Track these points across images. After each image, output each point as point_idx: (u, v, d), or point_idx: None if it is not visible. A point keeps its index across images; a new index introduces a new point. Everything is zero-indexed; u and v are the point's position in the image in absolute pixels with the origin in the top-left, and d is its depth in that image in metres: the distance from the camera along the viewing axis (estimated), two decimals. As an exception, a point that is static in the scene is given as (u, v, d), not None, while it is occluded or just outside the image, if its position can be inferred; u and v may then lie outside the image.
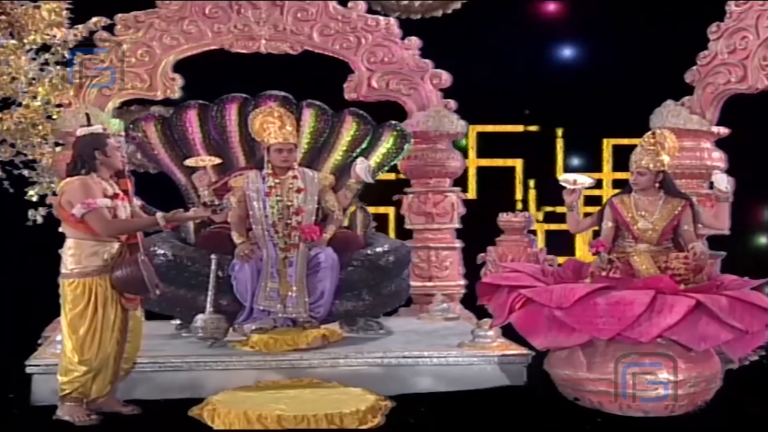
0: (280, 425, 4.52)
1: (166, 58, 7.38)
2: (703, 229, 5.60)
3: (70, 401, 4.72)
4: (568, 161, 9.52)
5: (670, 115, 7.00)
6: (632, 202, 5.37)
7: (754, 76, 6.78)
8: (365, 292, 6.05)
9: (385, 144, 6.65)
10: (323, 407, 4.63)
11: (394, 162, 6.79)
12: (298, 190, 5.89)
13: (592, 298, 4.81)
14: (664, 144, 5.33)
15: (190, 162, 6.18)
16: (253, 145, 6.46)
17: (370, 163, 6.27)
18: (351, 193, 6.12)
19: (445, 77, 7.69)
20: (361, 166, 6.02)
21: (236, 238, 5.84)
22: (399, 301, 6.57)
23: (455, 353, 5.57)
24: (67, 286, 4.71)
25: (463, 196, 8.00)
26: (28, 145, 6.93)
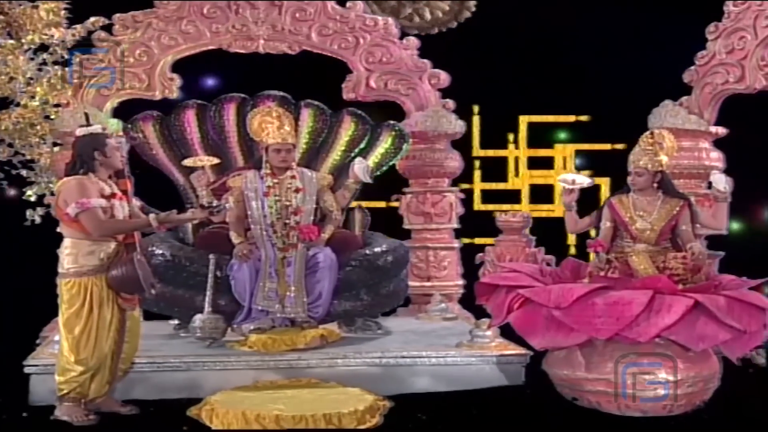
0: (279, 425, 4.51)
1: (165, 58, 7.36)
2: (701, 229, 5.60)
3: (68, 401, 4.72)
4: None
5: (668, 115, 7.00)
6: (631, 203, 5.38)
7: (752, 76, 6.78)
8: (363, 292, 6.05)
9: (384, 144, 6.65)
10: (321, 407, 4.63)
11: (392, 162, 6.79)
12: (297, 190, 5.89)
13: (591, 298, 4.81)
14: (663, 144, 5.34)
15: (188, 162, 6.19)
16: (251, 145, 6.46)
17: (369, 163, 6.27)
18: (349, 193, 6.12)
19: (444, 77, 7.67)
20: (359, 166, 6.02)
21: (235, 238, 5.84)
22: (397, 301, 6.56)
23: (453, 353, 5.57)
24: (63, 286, 4.71)
25: (461, 195, 7.99)
26: (26, 145, 6.95)
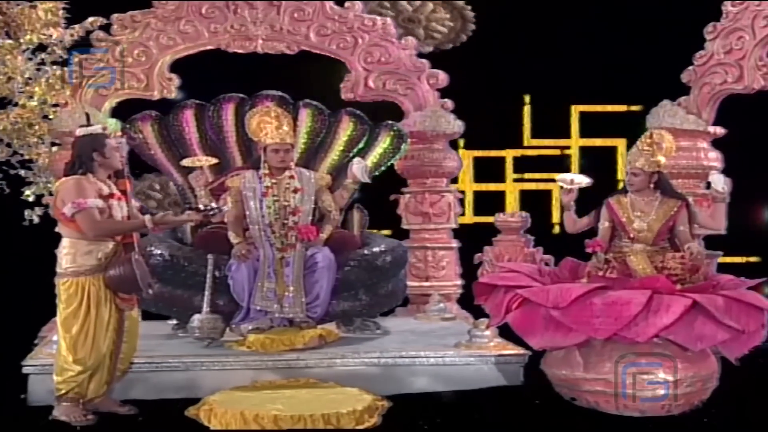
0: (277, 425, 4.51)
1: (163, 58, 7.36)
2: (699, 229, 5.60)
3: (66, 401, 4.72)
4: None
5: (666, 115, 7.01)
6: (629, 203, 5.38)
7: (751, 76, 6.80)
8: (362, 292, 6.04)
9: (382, 144, 6.65)
10: (320, 407, 4.63)
11: (390, 162, 6.79)
12: (295, 191, 5.89)
13: (589, 298, 4.81)
14: (661, 144, 5.34)
15: (186, 162, 6.19)
16: (249, 145, 6.46)
17: (367, 163, 6.27)
18: (348, 193, 6.12)
19: (442, 77, 7.67)
20: (357, 166, 6.02)
21: (233, 238, 5.83)
22: (396, 301, 6.56)
23: (452, 353, 5.57)
24: (61, 285, 4.71)
25: (460, 195, 7.99)
26: (25, 145, 6.95)
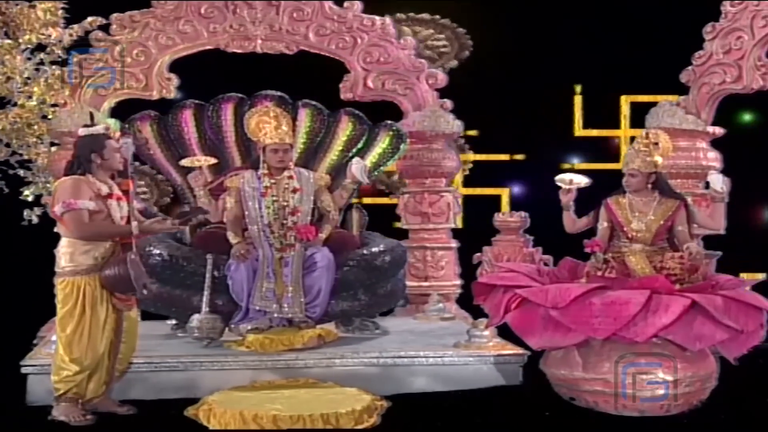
0: (276, 425, 4.51)
1: (162, 58, 7.35)
2: (698, 229, 5.60)
3: (65, 401, 4.71)
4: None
5: (665, 115, 7.01)
6: (627, 203, 5.37)
7: (750, 76, 6.80)
8: (361, 292, 6.04)
9: (381, 144, 6.66)
10: (319, 407, 4.63)
11: (390, 162, 6.80)
12: (294, 191, 5.88)
13: (588, 298, 4.81)
14: (658, 145, 5.34)
15: (185, 162, 6.19)
16: (248, 145, 6.46)
17: (366, 163, 6.27)
18: (347, 193, 6.12)
19: (441, 77, 7.67)
20: (356, 166, 6.02)
21: (232, 238, 5.83)
22: (395, 301, 6.56)
23: (451, 353, 5.57)
24: (59, 285, 4.72)
25: (459, 195, 7.99)
26: (24, 145, 6.95)
